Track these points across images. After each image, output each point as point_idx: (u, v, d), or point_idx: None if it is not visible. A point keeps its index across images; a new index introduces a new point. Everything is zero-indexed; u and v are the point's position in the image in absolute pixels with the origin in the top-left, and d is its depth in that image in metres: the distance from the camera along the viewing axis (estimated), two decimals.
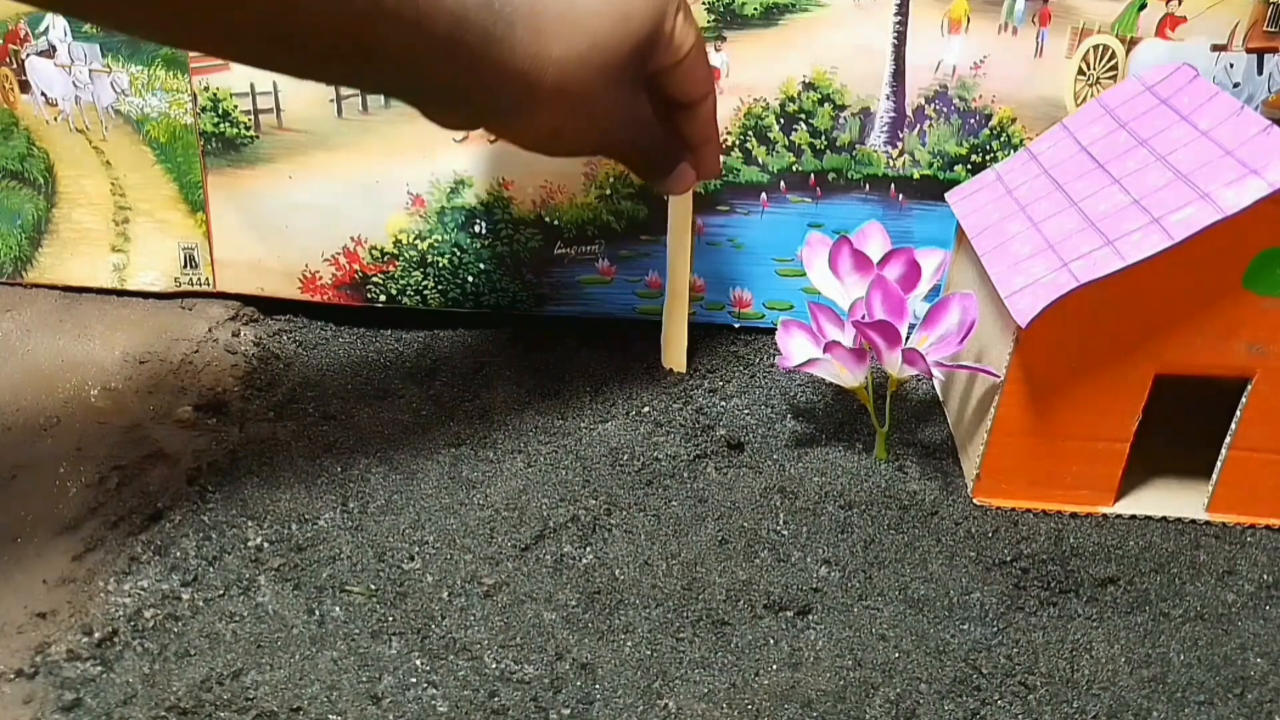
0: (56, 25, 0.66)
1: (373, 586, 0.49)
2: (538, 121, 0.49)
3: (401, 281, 0.69)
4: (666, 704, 0.44)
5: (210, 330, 0.68)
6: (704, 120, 0.56)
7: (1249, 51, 0.66)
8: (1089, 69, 0.66)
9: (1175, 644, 0.49)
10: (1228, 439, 0.55)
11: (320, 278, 0.69)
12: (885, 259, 0.57)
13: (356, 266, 0.69)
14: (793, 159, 0.68)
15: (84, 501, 0.53)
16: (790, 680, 0.45)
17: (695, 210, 0.64)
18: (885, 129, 0.67)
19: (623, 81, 0.49)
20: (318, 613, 0.47)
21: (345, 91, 0.66)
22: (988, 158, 0.67)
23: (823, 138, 0.67)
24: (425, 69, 0.45)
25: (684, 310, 0.65)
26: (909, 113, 0.67)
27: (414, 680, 0.44)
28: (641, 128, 0.53)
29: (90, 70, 0.67)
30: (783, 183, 0.68)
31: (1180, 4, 0.65)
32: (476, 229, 0.68)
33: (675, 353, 0.66)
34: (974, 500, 0.57)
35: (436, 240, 0.69)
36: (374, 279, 0.69)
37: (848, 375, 0.58)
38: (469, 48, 0.44)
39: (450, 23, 0.43)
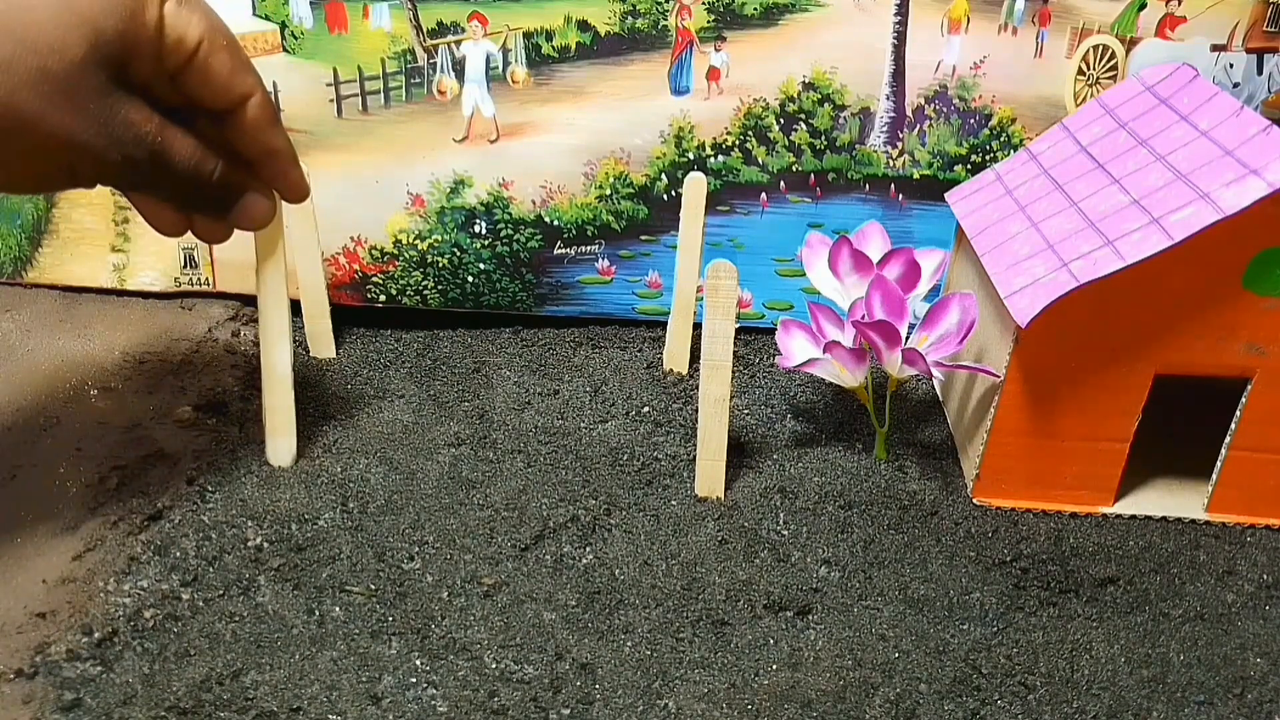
0: None
1: (372, 586, 0.49)
2: None
3: (401, 281, 0.69)
4: (666, 704, 0.44)
5: (210, 330, 0.68)
6: (251, 128, 0.45)
7: (1249, 51, 0.66)
8: (1089, 69, 0.66)
9: (1175, 644, 0.49)
10: (1228, 439, 0.55)
11: None
12: (885, 259, 0.57)
13: (356, 266, 0.69)
14: (793, 159, 0.68)
15: (84, 501, 0.53)
16: (790, 680, 0.45)
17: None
18: (885, 129, 0.67)
19: (84, 94, 0.39)
20: (318, 613, 0.47)
21: (345, 91, 0.66)
22: (988, 158, 0.67)
23: (823, 138, 0.67)
24: None
25: (689, 314, 0.65)
26: (909, 113, 0.67)
27: (414, 680, 0.44)
28: (142, 150, 0.41)
29: None
30: (783, 183, 0.68)
31: (1180, 4, 0.65)
32: (476, 229, 0.68)
33: (678, 354, 0.66)
34: (974, 500, 0.57)
35: (436, 240, 0.69)
36: (374, 279, 0.69)
37: (848, 375, 0.57)
38: None
39: None
